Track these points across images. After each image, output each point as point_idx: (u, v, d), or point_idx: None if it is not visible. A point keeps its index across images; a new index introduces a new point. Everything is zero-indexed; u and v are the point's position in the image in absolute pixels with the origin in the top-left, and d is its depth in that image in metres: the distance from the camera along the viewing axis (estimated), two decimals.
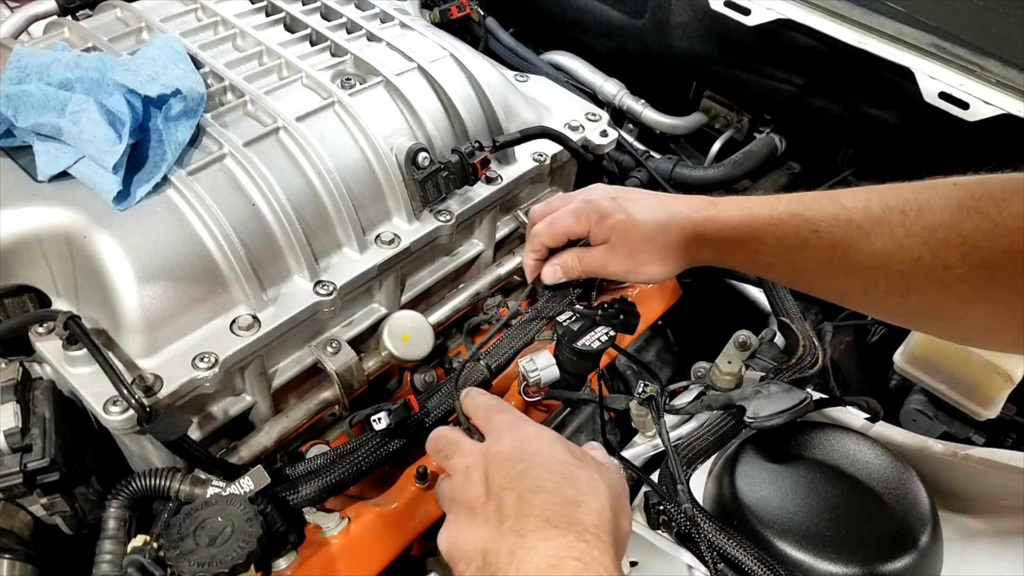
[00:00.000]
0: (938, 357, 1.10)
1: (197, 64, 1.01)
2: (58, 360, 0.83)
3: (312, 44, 1.13)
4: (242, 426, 0.95)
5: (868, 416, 1.03)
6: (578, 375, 1.01)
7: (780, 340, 1.18)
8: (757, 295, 1.33)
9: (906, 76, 1.14)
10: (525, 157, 1.14)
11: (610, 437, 1.14)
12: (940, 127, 1.14)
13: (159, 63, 0.94)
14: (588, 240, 0.95)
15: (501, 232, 1.17)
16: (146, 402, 0.77)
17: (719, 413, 1.00)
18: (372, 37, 1.14)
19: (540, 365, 0.97)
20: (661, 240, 0.88)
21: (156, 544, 0.73)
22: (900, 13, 1.20)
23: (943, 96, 1.11)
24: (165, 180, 0.88)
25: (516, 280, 1.23)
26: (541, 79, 1.31)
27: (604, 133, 1.22)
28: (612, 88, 1.60)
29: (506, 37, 1.62)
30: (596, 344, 0.93)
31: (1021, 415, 1.16)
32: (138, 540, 0.75)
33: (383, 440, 0.90)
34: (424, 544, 1.01)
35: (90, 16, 1.16)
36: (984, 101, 1.08)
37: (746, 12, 1.25)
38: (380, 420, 0.86)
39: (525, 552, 0.60)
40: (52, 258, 0.87)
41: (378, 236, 0.99)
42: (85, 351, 0.80)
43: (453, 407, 0.93)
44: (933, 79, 1.12)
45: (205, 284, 0.87)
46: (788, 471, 0.92)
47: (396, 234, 1.00)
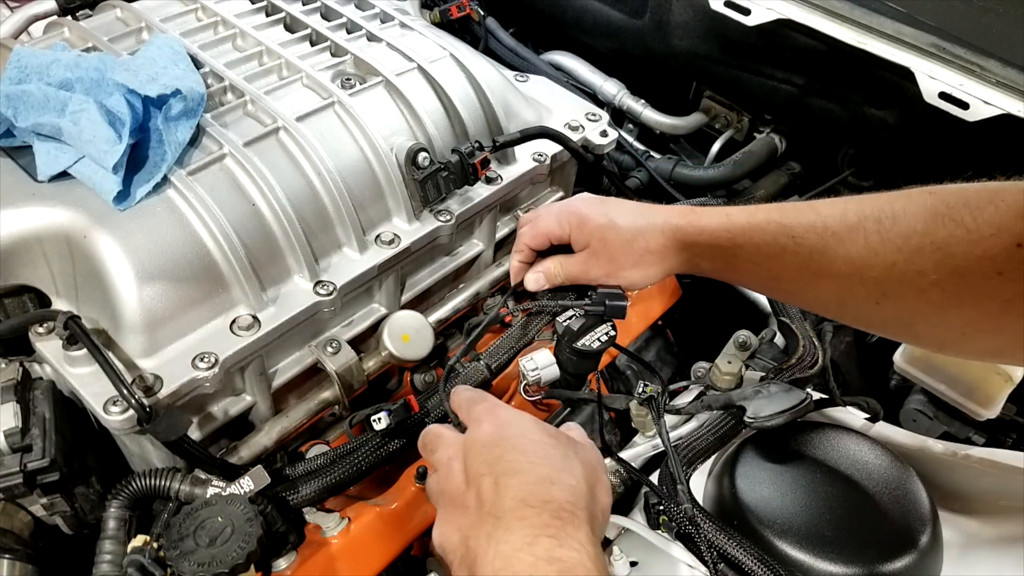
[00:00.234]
0: (938, 357, 1.10)
1: (197, 64, 1.01)
2: (58, 360, 0.83)
3: (312, 44, 1.13)
4: (242, 426, 0.95)
5: (868, 416, 1.03)
6: (578, 375, 1.01)
7: (780, 340, 1.18)
8: (757, 295, 1.33)
9: (906, 76, 1.14)
10: (525, 157, 1.14)
11: (610, 437, 1.14)
12: (940, 127, 1.14)
13: (159, 63, 0.94)
14: (571, 247, 0.95)
15: (501, 232, 1.17)
16: (146, 402, 0.77)
17: (719, 413, 1.00)
18: (372, 37, 1.14)
19: (540, 364, 0.97)
20: (640, 245, 0.89)
21: (156, 544, 0.73)
22: (900, 13, 1.20)
23: (943, 96, 1.11)
24: (165, 180, 0.88)
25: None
26: (541, 79, 1.31)
27: (604, 133, 1.22)
28: (612, 88, 1.60)
29: (506, 37, 1.62)
30: (596, 344, 0.93)
31: (1021, 415, 1.15)
32: (138, 540, 0.75)
33: (383, 440, 0.90)
34: (424, 544, 1.01)
35: (90, 16, 1.16)
36: (984, 101, 1.08)
37: (746, 12, 1.25)
38: (380, 420, 0.86)
39: (502, 533, 0.61)
40: (52, 258, 0.87)
41: (378, 236, 0.99)
42: (85, 351, 0.80)
43: (444, 404, 0.94)
44: (933, 79, 1.12)
45: (205, 284, 0.87)
46: (788, 471, 0.92)
47: (396, 234, 1.00)
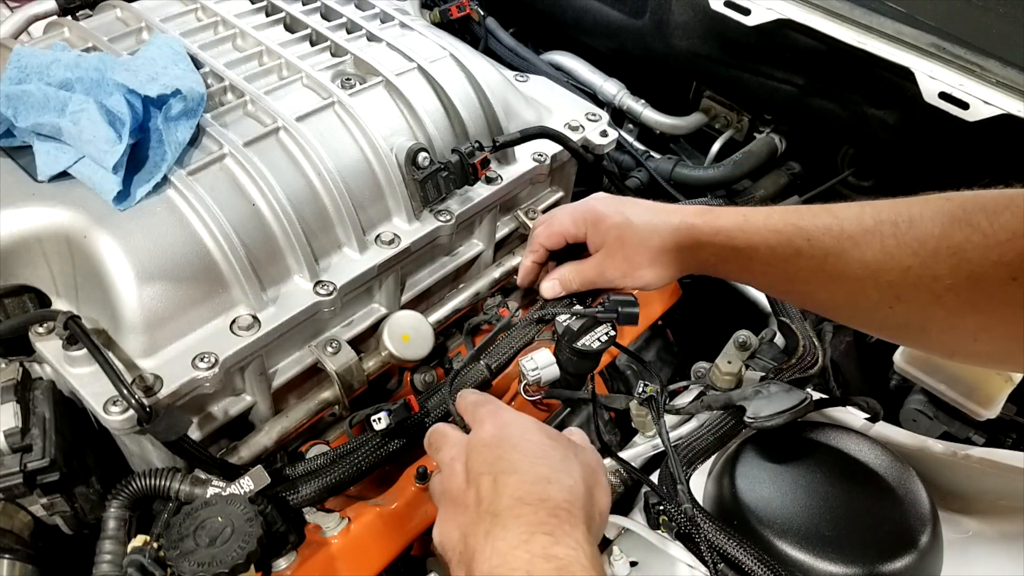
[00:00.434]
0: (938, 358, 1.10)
1: (197, 64, 1.01)
2: (58, 360, 0.83)
3: (312, 44, 1.13)
4: (242, 426, 0.95)
5: (868, 416, 1.03)
6: (578, 375, 1.01)
7: (780, 340, 1.18)
8: (757, 295, 1.33)
9: (906, 76, 1.14)
10: (525, 157, 1.14)
11: (610, 437, 1.14)
12: (940, 127, 1.14)
13: (159, 63, 0.94)
14: (586, 247, 0.96)
15: (501, 232, 1.17)
16: (146, 402, 0.77)
17: (719, 413, 1.00)
18: (372, 37, 1.14)
19: (540, 364, 0.97)
20: (656, 243, 0.89)
21: (156, 544, 0.73)
22: (900, 13, 1.20)
23: (943, 96, 1.11)
24: (165, 180, 0.88)
25: (516, 280, 1.23)
26: (541, 79, 1.31)
27: (604, 133, 1.22)
28: (612, 88, 1.60)
29: (506, 37, 1.62)
30: (596, 344, 0.93)
31: (1021, 415, 1.16)
32: (138, 540, 0.75)
33: (383, 440, 0.90)
34: (424, 544, 1.01)
35: (90, 16, 1.16)
36: (984, 101, 1.08)
37: (746, 12, 1.25)
38: (380, 420, 0.86)
39: (499, 530, 0.62)
40: (52, 258, 0.87)
41: (378, 236, 0.99)
42: (85, 351, 0.80)
43: (450, 408, 0.94)
44: (933, 79, 1.12)
45: (205, 284, 0.87)
46: (788, 471, 0.92)
47: (396, 234, 1.00)
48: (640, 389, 0.97)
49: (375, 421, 0.86)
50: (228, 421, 0.91)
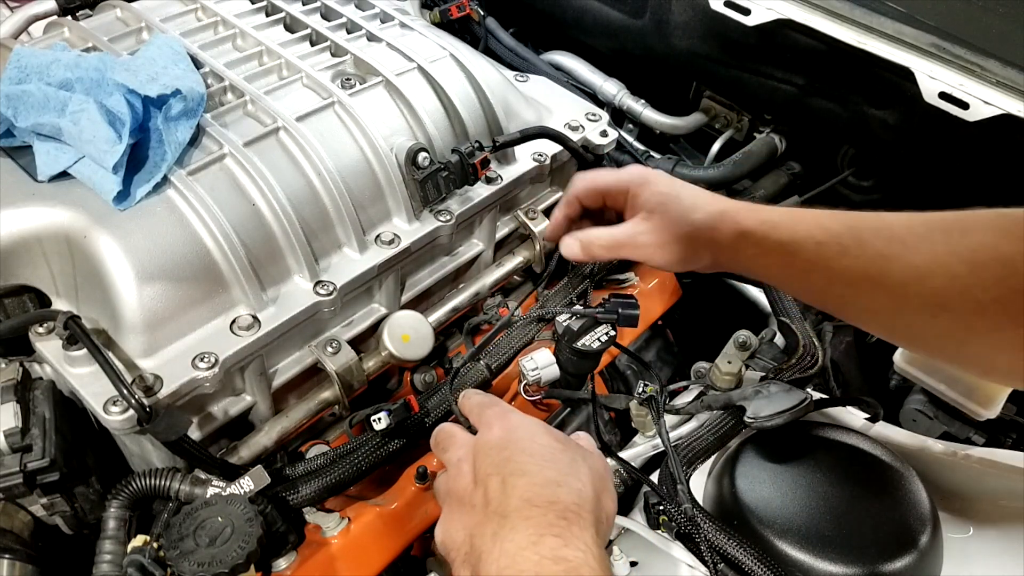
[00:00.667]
0: None
1: (197, 64, 1.01)
2: (58, 360, 0.83)
3: (312, 44, 1.13)
4: (242, 426, 0.95)
5: (868, 416, 1.03)
6: (578, 375, 1.01)
7: (780, 340, 1.18)
8: (757, 295, 1.33)
9: (906, 76, 1.14)
10: (525, 157, 1.14)
11: (610, 437, 1.14)
12: (940, 127, 1.14)
13: (159, 63, 0.94)
14: (623, 215, 0.91)
15: (501, 232, 1.17)
16: (146, 402, 0.77)
17: (719, 413, 1.00)
18: (372, 37, 1.14)
19: (540, 364, 0.97)
20: (698, 219, 0.84)
21: (156, 544, 0.73)
22: (900, 13, 1.20)
23: (943, 96, 1.11)
24: (165, 180, 0.88)
25: (516, 280, 1.23)
26: (541, 79, 1.31)
27: (604, 133, 1.22)
28: (612, 88, 1.60)
29: (506, 37, 1.62)
30: (596, 344, 0.93)
31: (1021, 415, 1.16)
32: (138, 540, 0.75)
33: (383, 440, 0.91)
34: (424, 544, 1.01)
35: (90, 16, 1.16)
36: (984, 101, 1.08)
37: (746, 12, 1.25)
38: (380, 420, 0.86)
39: (507, 532, 0.62)
40: (52, 258, 0.87)
41: (378, 236, 0.99)
42: (85, 351, 0.80)
43: (452, 407, 0.94)
44: (933, 79, 1.12)
45: (205, 284, 0.87)
46: (788, 471, 0.92)
47: (396, 234, 0.99)
48: (640, 389, 0.97)
49: (375, 421, 0.86)
50: (228, 421, 0.91)
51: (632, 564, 0.87)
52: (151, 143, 0.89)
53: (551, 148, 1.15)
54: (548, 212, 1.21)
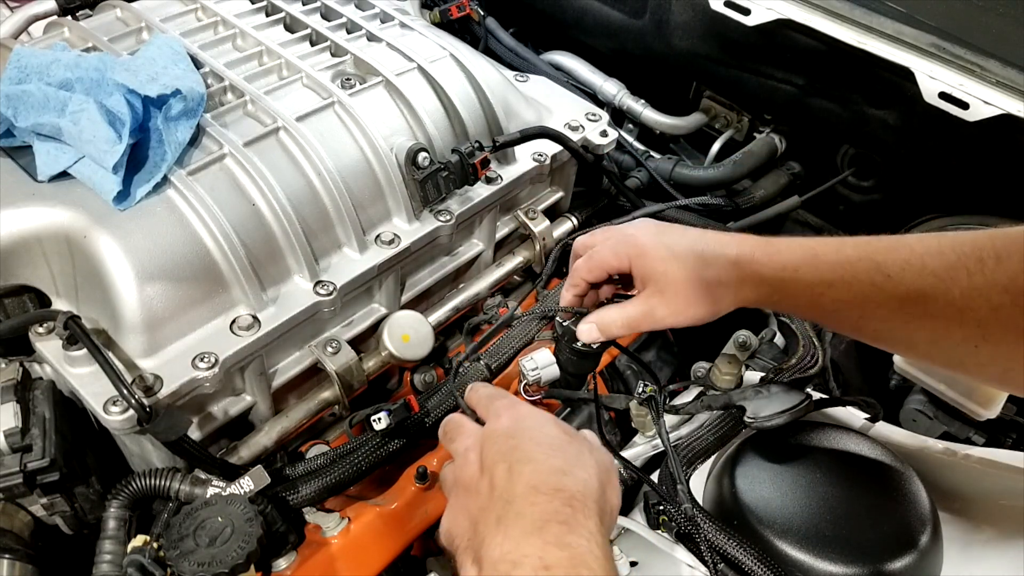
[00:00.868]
0: None
1: (197, 64, 1.01)
2: (58, 360, 0.83)
3: (312, 44, 1.13)
4: (242, 426, 0.95)
5: (868, 416, 1.03)
6: (578, 375, 1.01)
7: (780, 340, 1.18)
8: None
9: (906, 76, 1.14)
10: (525, 157, 1.14)
11: (610, 437, 1.14)
12: (940, 127, 1.14)
13: (159, 63, 0.94)
14: (631, 277, 0.88)
15: (501, 232, 1.17)
16: (146, 402, 0.77)
17: (719, 413, 1.00)
18: (372, 37, 1.14)
19: (540, 364, 0.97)
20: (711, 276, 0.80)
21: (156, 544, 0.73)
22: (900, 13, 1.20)
23: (943, 96, 1.11)
24: (165, 180, 0.88)
25: (516, 280, 1.23)
26: (541, 79, 1.31)
27: (604, 133, 1.22)
28: (612, 88, 1.60)
29: (506, 37, 1.62)
30: (596, 344, 0.92)
31: (1021, 415, 1.15)
32: (138, 540, 0.75)
33: (383, 440, 0.90)
34: (424, 544, 1.01)
35: (90, 16, 1.16)
36: (984, 101, 1.08)
37: (746, 12, 1.25)
38: (380, 420, 0.86)
39: (512, 518, 0.62)
40: (52, 258, 0.87)
41: (378, 236, 0.99)
42: (85, 351, 0.80)
43: (453, 407, 0.94)
44: (933, 79, 1.12)
45: (205, 284, 0.87)
46: (788, 471, 0.92)
47: (396, 234, 1.00)
48: (640, 389, 0.97)
49: (375, 421, 0.86)
50: (228, 421, 0.91)
51: (632, 564, 0.87)
52: (151, 143, 0.89)
53: (551, 148, 1.15)
54: (548, 212, 1.21)
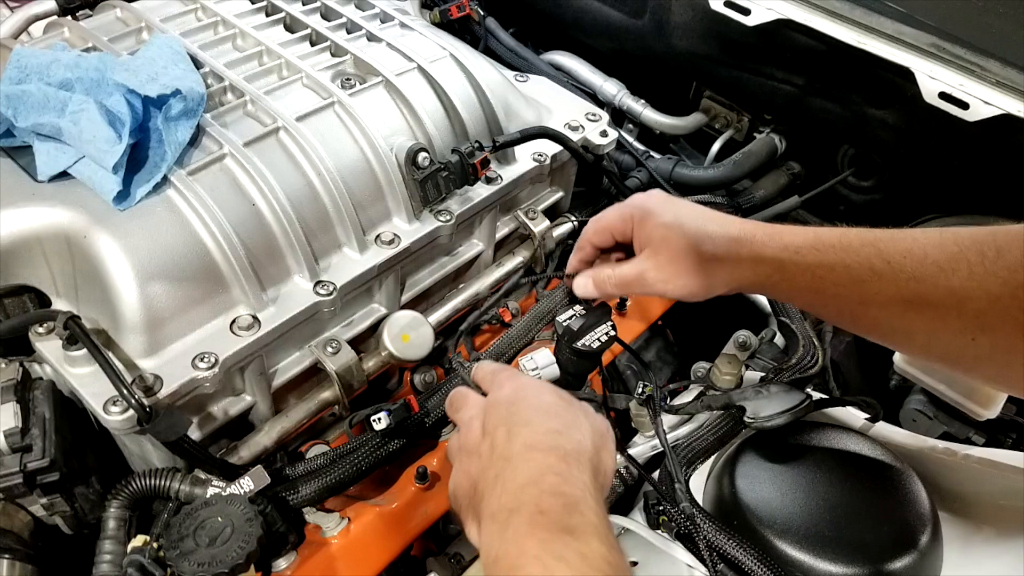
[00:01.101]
0: None
1: (197, 64, 1.01)
2: (58, 360, 0.83)
3: (312, 44, 1.13)
4: (242, 426, 0.95)
5: (868, 416, 1.03)
6: (578, 375, 1.01)
7: (780, 340, 1.18)
8: (757, 295, 1.33)
9: (906, 76, 1.14)
10: (525, 157, 1.14)
11: None
12: (940, 127, 1.14)
13: (159, 63, 0.94)
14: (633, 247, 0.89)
15: (501, 232, 1.17)
16: (146, 402, 0.77)
17: (719, 413, 1.00)
18: (372, 37, 1.14)
19: (540, 363, 0.97)
20: (708, 249, 0.80)
21: (156, 544, 0.73)
22: (900, 13, 1.20)
23: (943, 96, 1.11)
24: (165, 180, 0.88)
25: (521, 280, 1.23)
26: (541, 79, 1.31)
27: (604, 133, 1.22)
28: (612, 88, 1.60)
29: (506, 37, 1.62)
30: (596, 344, 0.92)
31: (1021, 415, 1.15)
32: (138, 540, 0.75)
33: (383, 440, 0.90)
34: (424, 544, 1.01)
35: (90, 16, 1.16)
36: (984, 101, 1.08)
37: (746, 12, 1.25)
38: (380, 420, 0.86)
39: (510, 473, 0.65)
40: (52, 258, 0.87)
41: (378, 236, 0.99)
42: (85, 351, 0.80)
43: (465, 379, 0.94)
44: (933, 79, 1.12)
45: (205, 284, 0.87)
46: (788, 471, 0.92)
47: (396, 234, 1.00)
48: (640, 389, 0.97)
49: (375, 421, 0.86)
50: (228, 421, 0.91)
51: (632, 564, 0.87)
52: (151, 143, 0.89)
53: (551, 148, 1.15)
54: (548, 212, 1.21)
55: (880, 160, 1.43)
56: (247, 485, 0.79)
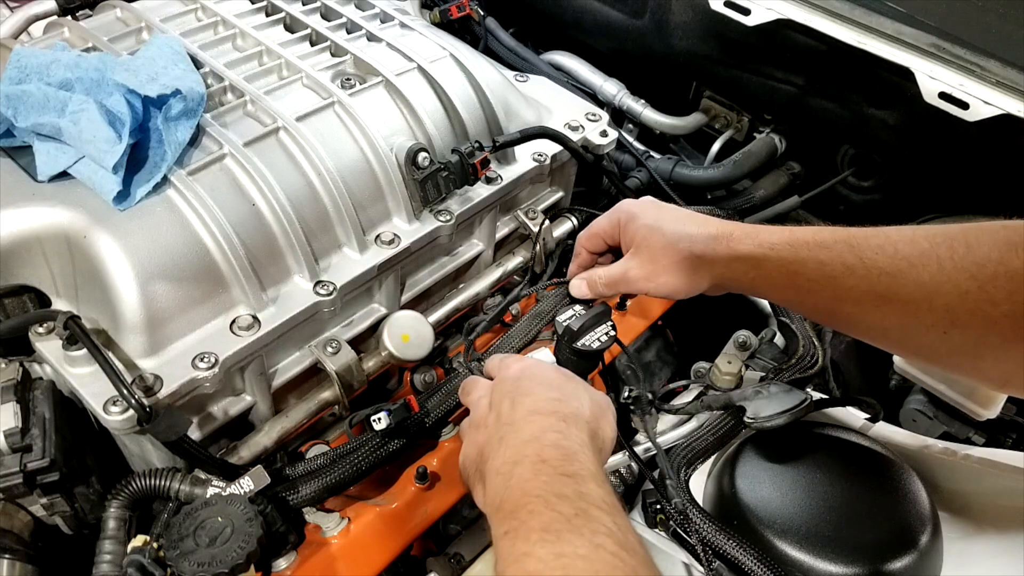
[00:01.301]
0: None
1: (197, 64, 1.01)
2: (58, 360, 0.83)
3: (312, 44, 1.13)
4: (242, 426, 0.95)
5: (868, 416, 1.03)
6: (578, 375, 1.01)
7: (780, 340, 1.18)
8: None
9: (906, 76, 1.14)
10: (525, 157, 1.14)
11: None
12: (940, 127, 1.14)
13: (159, 63, 0.94)
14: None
15: (501, 232, 1.17)
16: (146, 402, 0.77)
17: (719, 413, 1.00)
18: (372, 37, 1.14)
19: None
20: (685, 247, 0.85)
21: (156, 544, 0.73)
22: (900, 13, 1.20)
23: (943, 96, 1.11)
24: (165, 180, 0.88)
25: (516, 280, 1.23)
26: (541, 79, 1.31)
27: (604, 133, 1.22)
28: (612, 88, 1.60)
29: (506, 37, 1.62)
30: (596, 344, 0.92)
31: (1021, 415, 1.15)
32: (138, 540, 0.75)
33: (383, 440, 0.90)
34: (424, 544, 1.01)
35: (90, 16, 1.16)
36: (984, 101, 1.08)
37: (746, 12, 1.25)
38: (380, 420, 0.86)
39: (512, 435, 0.70)
40: (52, 258, 0.87)
41: (378, 236, 0.99)
42: (85, 351, 0.80)
43: (453, 407, 0.95)
44: (933, 79, 1.12)
45: (205, 284, 0.87)
46: (788, 471, 0.92)
47: (396, 234, 1.00)
48: (625, 394, 0.98)
49: (375, 421, 0.86)
50: (228, 421, 0.91)
51: None
52: (151, 143, 0.89)
53: (551, 148, 1.15)
54: (548, 212, 1.21)
55: (880, 160, 1.43)
56: (247, 485, 0.79)
